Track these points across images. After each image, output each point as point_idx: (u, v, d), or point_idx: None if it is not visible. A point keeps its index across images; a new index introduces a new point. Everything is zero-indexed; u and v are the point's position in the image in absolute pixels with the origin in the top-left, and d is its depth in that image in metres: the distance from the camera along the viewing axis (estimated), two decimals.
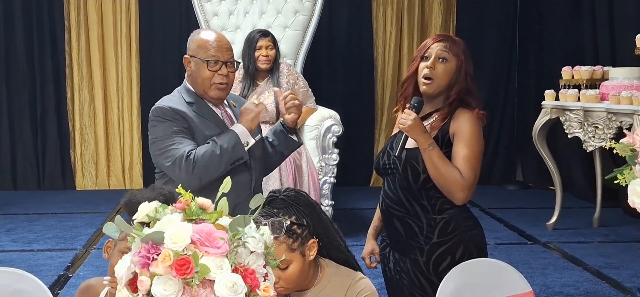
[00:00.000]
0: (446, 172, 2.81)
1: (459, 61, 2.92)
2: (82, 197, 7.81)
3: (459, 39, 3.01)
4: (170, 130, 3.16)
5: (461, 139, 2.86)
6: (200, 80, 3.24)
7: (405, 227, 2.95)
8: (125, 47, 8.15)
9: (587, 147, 5.70)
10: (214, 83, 3.24)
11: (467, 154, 2.84)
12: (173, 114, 3.18)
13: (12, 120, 8.17)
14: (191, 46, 3.29)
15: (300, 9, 6.80)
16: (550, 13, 8.16)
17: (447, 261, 2.86)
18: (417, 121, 2.82)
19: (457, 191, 2.82)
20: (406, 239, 2.96)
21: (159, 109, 3.22)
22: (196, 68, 3.25)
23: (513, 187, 8.36)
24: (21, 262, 5.24)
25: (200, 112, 3.25)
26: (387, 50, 8.37)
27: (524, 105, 8.45)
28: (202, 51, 3.24)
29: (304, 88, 5.92)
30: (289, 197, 2.53)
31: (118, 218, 1.88)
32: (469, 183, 2.83)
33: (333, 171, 5.90)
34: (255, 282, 1.80)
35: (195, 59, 3.25)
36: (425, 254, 2.90)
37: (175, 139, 3.15)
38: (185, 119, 3.19)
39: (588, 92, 5.67)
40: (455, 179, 2.81)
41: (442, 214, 2.90)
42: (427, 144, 2.82)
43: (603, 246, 5.84)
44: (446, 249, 2.88)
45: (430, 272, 2.90)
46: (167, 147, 3.15)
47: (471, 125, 2.87)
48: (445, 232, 2.89)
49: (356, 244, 5.53)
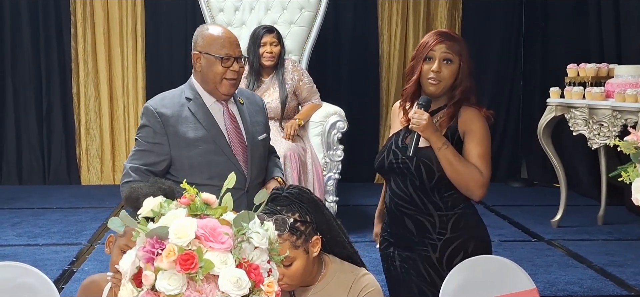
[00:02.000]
0: (464, 169, 2.85)
1: (461, 60, 2.95)
2: (87, 192, 7.82)
3: (458, 36, 3.05)
4: (144, 141, 3.30)
5: (473, 138, 2.90)
6: (211, 76, 3.27)
7: (416, 225, 2.98)
8: (131, 42, 8.15)
9: (592, 145, 5.70)
10: (225, 79, 3.27)
11: (480, 151, 2.88)
12: (154, 117, 3.28)
13: (18, 114, 8.19)
14: (201, 42, 3.30)
15: (305, 5, 6.80)
16: (555, 10, 8.15)
17: (460, 255, 2.91)
18: (430, 120, 2.86)
19: (476, 188, 2.87)
20: (417, 236, 2.99)
21: (145, 108, 3.34)
22: (208, 64, 3.27)
23: (518, 184, 8.36)
24: (26, 256, 5.26)
25: (194, 110, 3.29)
26: (393, 47, 8.36)
27: (529, 103, 8.44)
28: (214, 47, 3.26)
29: (309, 84, 5.91)
30: (292, 195, 2.53)
31: (123, 213, 1.89)
32: (487, 180, 2.88)
33: (338, 167, 5.89)
34: (259, 278, 1.81)
35: (206, 56, 3.27)
36: (439, 250, 2.94)
37: (139, 150, 3.31)
38: (165, 123, 3.26)
39: (593, 90, 5.67)
40: (474, 177, 2.85)
41: (454, 210, 2.94)
42: (441, 142, 2.86)
43: (607, 243, 5.84)
44: (459, 243, 2.93)
45: (443, 268, 2.92)
46: (134, 151, 3.34)
47: (481, 124, 2.92)
48: (457, 227, 2.94)
49: (360, 240, 5.55)
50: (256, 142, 3.41)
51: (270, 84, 5.75)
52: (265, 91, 5.68)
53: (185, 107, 3.29)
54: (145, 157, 3.28)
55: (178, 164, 3.27)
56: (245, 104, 3.47)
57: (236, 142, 3.34)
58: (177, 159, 3.27)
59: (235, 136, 3.35)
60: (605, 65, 6.04)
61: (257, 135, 3.43)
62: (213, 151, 3.27)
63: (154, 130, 3.27)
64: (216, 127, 3.31)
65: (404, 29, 8.36)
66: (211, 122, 3.31)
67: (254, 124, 3.45)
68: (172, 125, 3.26)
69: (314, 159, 5.66)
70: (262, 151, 3.47)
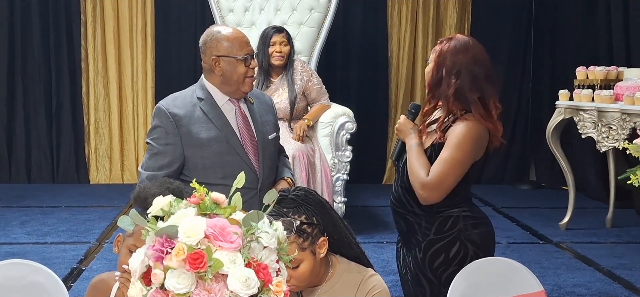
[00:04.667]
0: (413, 169, 2.89)
1: (438, 61, 2.96)
2: (96, 191, 7.84)
3: (451, 38, 3.00)
4: (157, 143, 3.31)
5: (447, 143, 2.88)
6: (235, 77, 3.31)
7: (407, 224, 3.02)
8: (140, 42, 8.17)
9: (600, 148, 5.69)
10: (247, 77, 3.33)
11: (444, 156, 2.86)
12: (166, 118, 3.29)
13: (28, 113, 8.21)
14: (216, 46, 3.31)
15: (315, 6, 6.80)
16: (565, 13, 8.13)
17: (441, 258, 2.92)
18: (402, 124, 3.01)
19: (417, 189, 2.88)
20: (408, 236, 3.03)
21: (157, 109, 3.36)
22: (230, 67, 3.30)
23: (526, 186, 8.34)
24: (35, 254, 5.27)
25: (207, 110, 3.30)
26: (402, 48, 8.36)
27: (537, 105, 8.42)
28: (235, 49, 3.30)
29: (318, 85, 5.92)
30: (299, 197, 2.54)
31: (133, 211, 1.90)
32: (431, 183, 2.84)
33: (346, 168, 5.90)
34: (268, 277, 1.82)
35: (228, 58, 3.29)
36: (423, 250, 2.96)
37: (153, 153, 3.33)
38: (177, 123, 3.28)
39: (602, 93, 5.66)
40: (418, 177, 2.87)
41: (440, 212, 2.94)
42: (413, 142, 2.93)
43: (616, 246, 5.82)
44: (441, 246, 2.93)
45: (426, 269, 2.95)
46: (148, 156, 3.35)
47: (462, 132, 2.86)
48: (441, 229, 2.93)
49: (368, 241, 5.56)
50: (267, 142, 3.43)
51: (279, 85, 5.76)
52: (275, 92, 5.69)
53: (197, 107, 3.31)
54: (159, 160, 3.29)
55: (191, 164, 3.29)
56: (255, 103, 3.49)
57: (248, 142, 3.36)
58: (191, 159, 3.29)
59: (247, 136, 3.36)
60: (614, 68, 6.03)
61: (267, 135, 3.45)
62: (226, 151, 3.29)
63: (166, 130, 3.28)
64: (229, 127, 3.33)
65: (414, 31, 8.36)
66: (224, 122, 3.32)
67: (264, 123, 3.47)
68: (185, 125, 3.28)
69: (323, 160, 5.66)
70: (272, 150, 3.49)
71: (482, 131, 2.89)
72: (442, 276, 2.91)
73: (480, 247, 2.93)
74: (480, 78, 2.91)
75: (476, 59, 2.93)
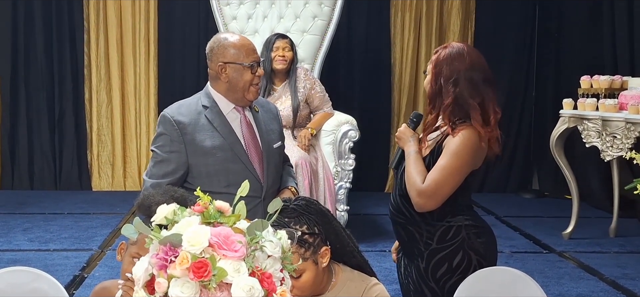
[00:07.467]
0: (410, 176, 2.88)
1: (435, 71, 2.96)
2: (98, 198, 7.84)
3: (445, 46, 3.00)
4: (162, 151, 3.31)
5: (445, 151, 2.87)
6: (241, 84, 3.31)
7: (407, 234, 3.01)
8: (143, 49, 8.17)
9: (604, 157, 5.68)
10: (252, 85, 3.33)
11: (441, 164, 2.84)
12: (171, 125, 3.29)
13: (30, 120, 8.21)
14: (223, 53, 3.31)
15: (318, 14, 6.80)
16: (569, 21, 8.13)
17: (444, 267, 2.91)
18: (402, 132, 3.01)
19: (413, 196, 2.87)
20: (409, 246, 3.02)
21: (162, 117, 3.35)
22: (237, 74, 3.30)
23: (529, 195, 8.33)
24: (37, 261, 5.28)
25: (211, 118, 3.30)
26: (405, 56, 8.35)
27: (541, 114, 8.42)
28: (241, 56, 3.31)
29: (321, 93, 5.92)
30: (300, 207, 2.53)
31: (136, 220, 1.89)
32: (427, 191, 2.83)
33: (349, 176, 5.89)
34: (272, 287, 1.81)
35: (234, 65, 3.29)
36: (425, 260, 2.95)
37: (157, 160, 3.32)
38: (182, 131, 3.28)
39: (606, 102, 5.65)
40: (414, 184, 2.86)
41: (442, 221, 2.93)
42: (411, 149, 2.93)
43: (619, 256, 5.81)
44: (444, 255, 2.91)
45: (429, 279, 2.94)
46: (153, 163, 3.35)
47: (461, 140, 2.85)
48: (444, 239, 2.92)
49: (371, 249, 5.55)
50: (272, 150, 3.43)
51: (282, 92, 5.76)
52: (278, 99, 5.69)
53: (202, 115, 3.31)
54: (164, 167, 3.29)
55: (195, 172, 3.29)
56: (260, 112, 3.48)
57: (253, 150, 3.35)
58: (195, 166, 3.28)
59: (252, 144, 3.36)
60: (618, 77, 6.03)
61: (272, 143, 3.44)
62: (230, 159, 3.28)
63: (171, 138, 3.28)
64: (233, 135, 3.32)
65: (417, 39, 8.35)
66: (228, 130, 3.32)
67: (269, 132, 3.46)
68: (190, 133, 3.28)
69: (326, 168, 5.66)
70: (277, 159, 3.49)
71: (480, 140, 2.88)
72: (446, 286, 2.89)
73: (483, 257, 2.92)
74: (478, 82, 2.91)
75: (473, 64, 2.92)
